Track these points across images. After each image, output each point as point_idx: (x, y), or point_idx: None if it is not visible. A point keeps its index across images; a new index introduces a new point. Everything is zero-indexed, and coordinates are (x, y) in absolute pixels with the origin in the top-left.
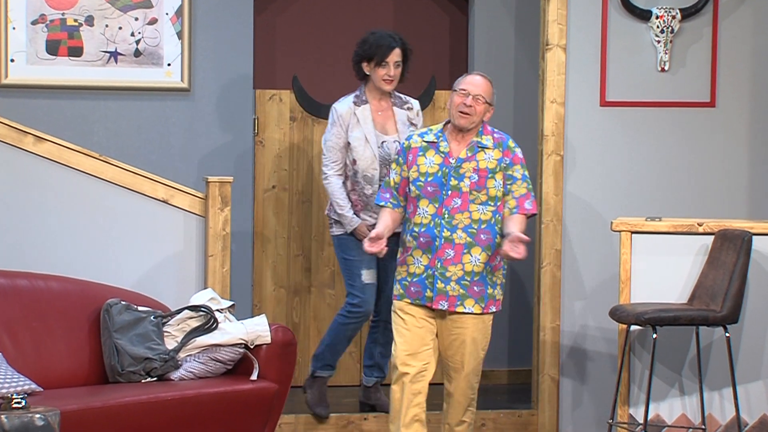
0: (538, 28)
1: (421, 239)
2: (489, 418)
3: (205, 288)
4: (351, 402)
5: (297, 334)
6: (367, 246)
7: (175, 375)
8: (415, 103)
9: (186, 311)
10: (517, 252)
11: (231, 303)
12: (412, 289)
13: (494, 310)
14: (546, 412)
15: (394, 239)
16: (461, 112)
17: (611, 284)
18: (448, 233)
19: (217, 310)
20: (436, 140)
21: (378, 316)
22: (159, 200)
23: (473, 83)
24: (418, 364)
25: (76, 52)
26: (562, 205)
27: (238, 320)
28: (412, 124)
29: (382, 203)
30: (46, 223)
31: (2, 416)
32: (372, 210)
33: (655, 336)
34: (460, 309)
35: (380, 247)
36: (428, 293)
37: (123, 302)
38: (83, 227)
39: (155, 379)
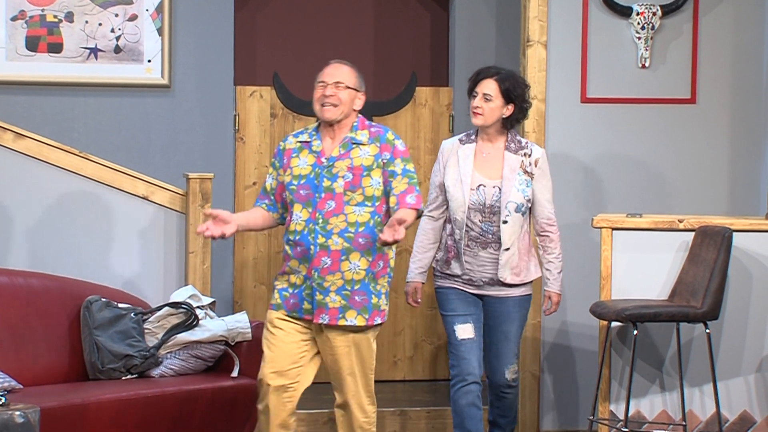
0: (519, 25)
1: (297, 248)
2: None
3: (186, 285)
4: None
5: None
6: (201, 227)
7: (156, 372)
8: (537, 151)
9: (166, 308)
10: (395, 234)
11: (212, 300)
12: (291, 300)
13: (379, 321)
14: (527, 408)
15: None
16: (323, 104)
17: (592, 281)
18: (323, 239)
19: (198, 307)
20: (309, 139)
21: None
22: (139, 197)
23: (330, 72)
24: (285, 382)
25: (56, 48)
26: None
27: (219, 317)
28: (526, 172)
29: (258, 204)
30: (25, 220)
31: None
32: (464, 259)
33: (635, 332)
34: (342, 322)
35: (215, 232)
36: (306, 306)
37: (103, 299)
38: (63, 224)
39: (136, 376)
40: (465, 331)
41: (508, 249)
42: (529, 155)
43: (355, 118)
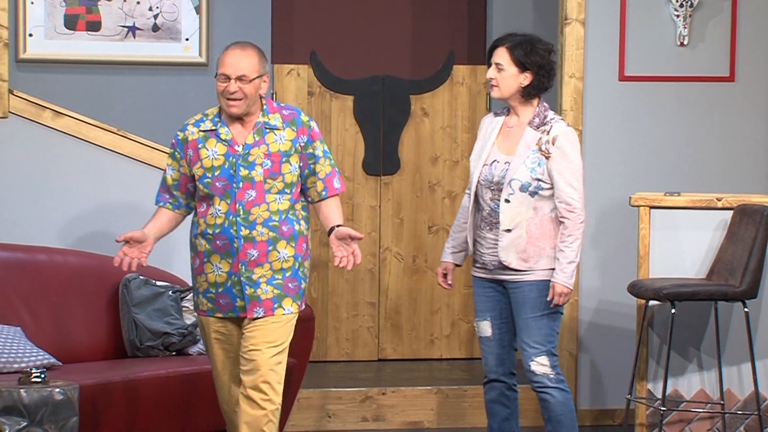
0: (557, 3)
1: (218, 242)
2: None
3: None
4: (369, 377)
5: (315, 310)
6: (117, 258)
7: (194, 350)
8: (557, 128)
9: None
10: (354, 257)
11: None
12: (221, 301)
13: (304, 307)
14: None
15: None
16: (229, 99)
17: (630, 259)
18: (247, 231)
19: None
20: (215, 127)
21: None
22: None
23: (232, 64)
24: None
25: (94, 26)
26: None
27: None
28: (541, 151)
29: (161, 204)
30: (64, 197)
31: (22, 390)
32: (475, 240)
33: (673, 311)
34: (279, 312)
35: (133, 255)
36: (240, 303)
37: (141, 277)
38: (101, 202)
39: (173, 353)
40: (482, 329)
41: (509, 231)
42: (548, 132)
43: (262, 102)
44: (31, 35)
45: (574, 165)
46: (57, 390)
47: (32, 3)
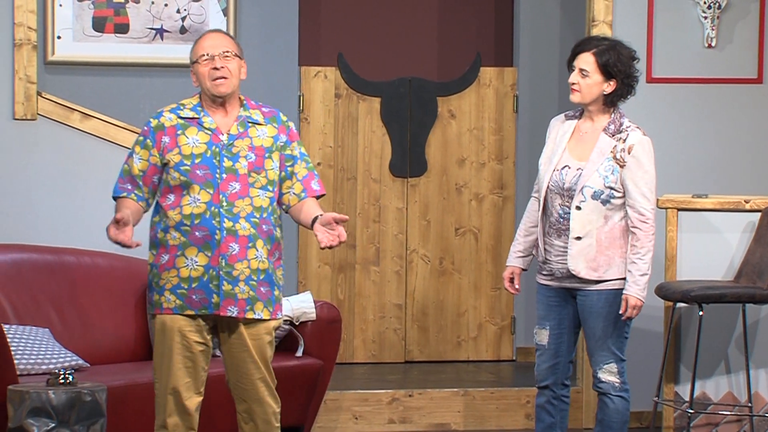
0: (584, 4)
1: (197, 233)
2: (533, 395)
3: None
4: (395, 378)
5: (342, 311)
6: (113, 231)
7: (219, 351)
8: (634, 137)
9: None
10: (338, 236)
11: None
12: (194, 297)
13: (280, 316)
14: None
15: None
16: (214, 79)
17: (657, 261)
18: (230, 224)
19: None
20: (197, 115)
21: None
22: None
23: (211, 44)
24: (199, 399)
25: (122, 28)
26: None
27: (284, 297)
28: (615, 159)
29: (123, 194)
30: (92, 199)
31: (50, 391)
32: (543, 248)
33: (701, 313)
34: (250, 315)
35: (128, 237)
36: (215, 299)
37: None
38: None
39: None
40: (539, 336)
41: (579, 238)
42: (624, 140)
43: (241, 99)
44: (59, 38)
45: (649, 175)
46: (85, 391)
47: (60, 5)
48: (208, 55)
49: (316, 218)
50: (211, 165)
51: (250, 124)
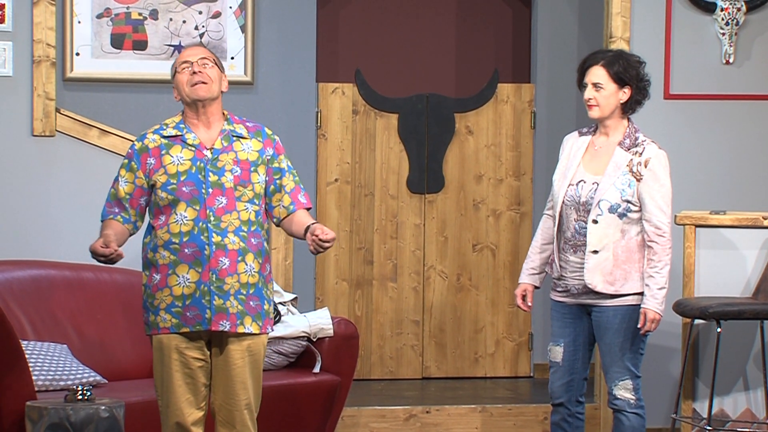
0: (602, 21)
1: (186, 251)
2: (550, 412)
3: None
4: (413, 395)
5: (359, 328)
6: (99, 247)
7: None
8: (650, 151)
9: None
10: (327, 235)
11: (294, 296)
12: (189, 314)
13: (270, 330)
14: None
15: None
16: (194, 84)
17: (675, 277)
18: (219, 238)
19: (280, 303)
20: (180, 133)
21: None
22: None
23: (191, 53)
24: (199, 414)
25: (140, 45)
26: None
27: (301, 313)
28: (632, 172)
29: (110, 216)
30: None
31: (68, 408)
32: (558, 264)
33: (719, 330)
34: (240, 329)
35: (112, 250)
36: (208, 314)
37: None
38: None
39: None
40: (553, 353)
41: (596, 252)
42: (640, 154)
43: (225, 114)
44: (78, 54)
45: (665, 189)
46: (103, 408)
47: (79, 22)
48: (186, 62)
49: (308, 228)
50: (197, 180)
51: (234, 138)
